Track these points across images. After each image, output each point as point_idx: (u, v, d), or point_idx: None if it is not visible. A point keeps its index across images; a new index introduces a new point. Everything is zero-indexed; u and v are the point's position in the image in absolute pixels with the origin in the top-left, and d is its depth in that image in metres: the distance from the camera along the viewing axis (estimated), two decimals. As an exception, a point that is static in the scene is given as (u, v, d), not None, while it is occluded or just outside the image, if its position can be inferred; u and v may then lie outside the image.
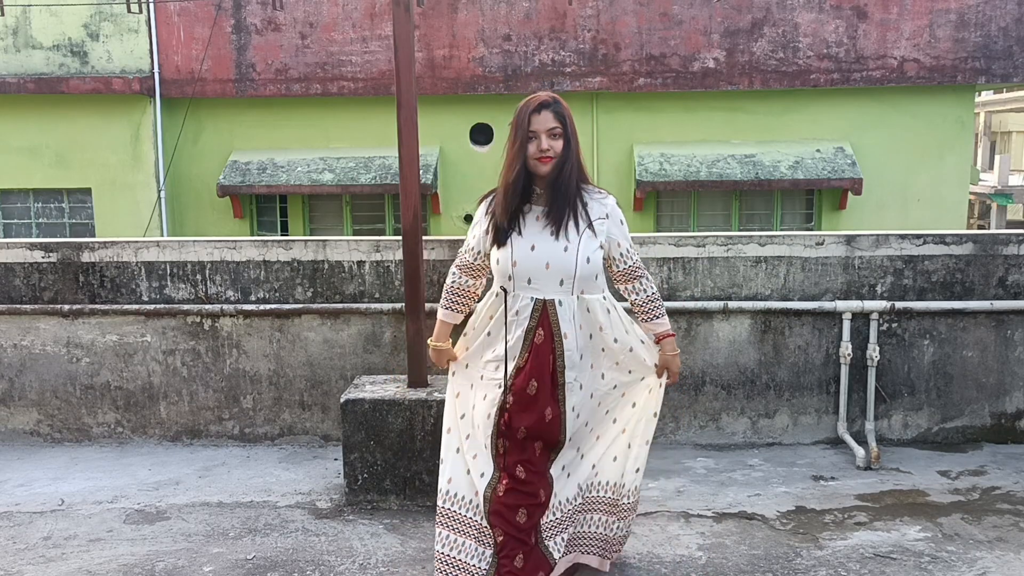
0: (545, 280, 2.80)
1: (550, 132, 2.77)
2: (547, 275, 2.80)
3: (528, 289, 2.82)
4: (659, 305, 2.99)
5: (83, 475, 4.36)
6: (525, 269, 2.80)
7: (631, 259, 2.94)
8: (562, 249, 2.78)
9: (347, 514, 3.84)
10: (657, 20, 10.64)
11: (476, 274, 3.03)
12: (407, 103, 3.94)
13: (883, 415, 4.66)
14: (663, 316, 3.00)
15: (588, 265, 2.80)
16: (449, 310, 3.06)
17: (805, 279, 4.58)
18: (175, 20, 10.89)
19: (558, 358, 2.83)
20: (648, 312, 2.99)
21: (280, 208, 11.41)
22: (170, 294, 4.71)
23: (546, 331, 2.82)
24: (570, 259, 2.78)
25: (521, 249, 2.80)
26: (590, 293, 2.86)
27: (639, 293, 2.98)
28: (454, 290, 3.05)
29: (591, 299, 2.86)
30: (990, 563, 3.31)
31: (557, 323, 2.82)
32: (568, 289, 2.81)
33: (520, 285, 2.82)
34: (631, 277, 2.96)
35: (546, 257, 2.79)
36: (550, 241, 2.79)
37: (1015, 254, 4.57)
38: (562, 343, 2.82)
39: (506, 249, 2.81)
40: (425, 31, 10.64)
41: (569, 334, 2.83)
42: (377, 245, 4.64)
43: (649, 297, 2.98)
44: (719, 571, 3.28)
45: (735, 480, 4.18)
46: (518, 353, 2.83)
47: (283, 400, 4.74)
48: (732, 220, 11.17)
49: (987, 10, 10.48)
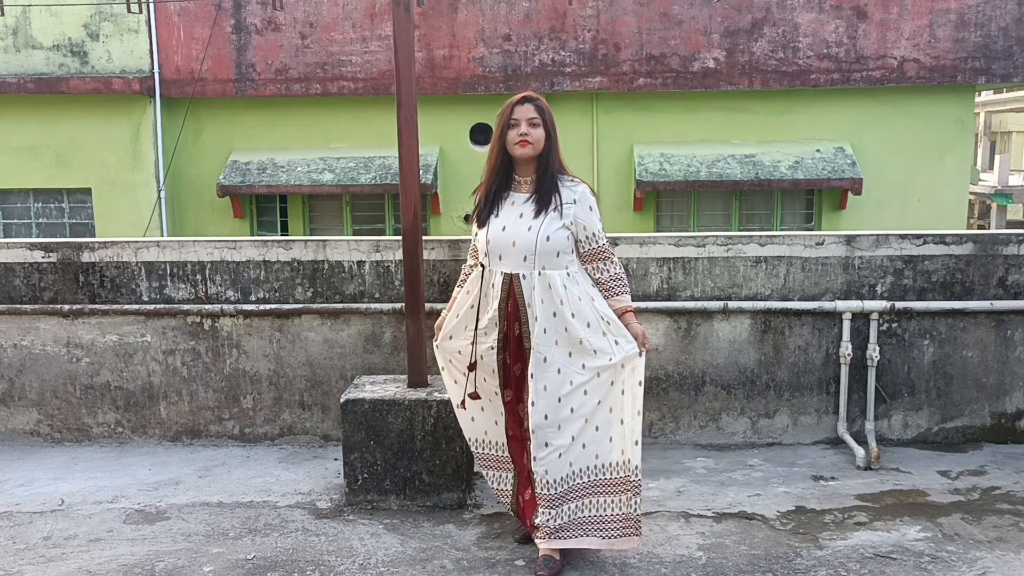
0: (512, 256, 3.18)
1: (530, 121, 3.15)
2: (513, 252, 3.17)
3: (500, 264, 3.21)
4: (622, 284, 3.26)
5: (83, 475, 4.36)
6: (497, 247, 3.19)
7: (596, 242, 3.23)
8: (526, 228, 3.15)
9: (347, 514, 3.84)
10: (657, 20, 10.64)
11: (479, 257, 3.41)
12: (407, 103, 3.94)
13: (883, 415, 4.66)
14: (625, 294, 3.26)
15: (548, 243, 3.12)
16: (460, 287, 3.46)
17: (805, 279, 4.58)
18: (175, 20, 10.89)
19: (523, 325, 3.20)
20: (610, 289, 3.25)
21: (280, 208, 11.41)
22: (170, 294, 4.71)
23: (513, 302, 3.21)
24: (531, 237, 3.14)
25: (495, 229, 3.20)
26: (551, 269, 3.16)
27: (602, 272, 3.25)
28: (465, 271, 3.46)
29: (552, 274, 3.15)
30: (990, 563, 3.31)
31: (522, 295, 3.18)
32: (531, 265, 3.15)
33: (494, 261, 3.22)
34: (595, 258, 3.24)
35: (512, 236, 3.17)
36: (518, 222, 3.17)
37: (1015, 254, 4.57)
38: (526, 311, 3.18)
39: (484, 230, 3.22)
40: (425, 31, 10.64)
41: (532, 304, 3.16)
42: (377, 245, 4.64)
43: (611, 276, 3.25)
44: (719, 571, 3.28)
45: (735, 480, 4.18)
46: (498, 321, 3.24)
47: (283, 400, 4.74)
48: (732, 220, 11.17)
49: (987, 10, 10.48)
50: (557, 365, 3.15)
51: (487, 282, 3.25)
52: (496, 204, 3.23)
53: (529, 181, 3.22)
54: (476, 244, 3.34)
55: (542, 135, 3.17)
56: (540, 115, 3.16)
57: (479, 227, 3.27)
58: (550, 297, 3.15)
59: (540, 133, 3.16)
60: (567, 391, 3.16)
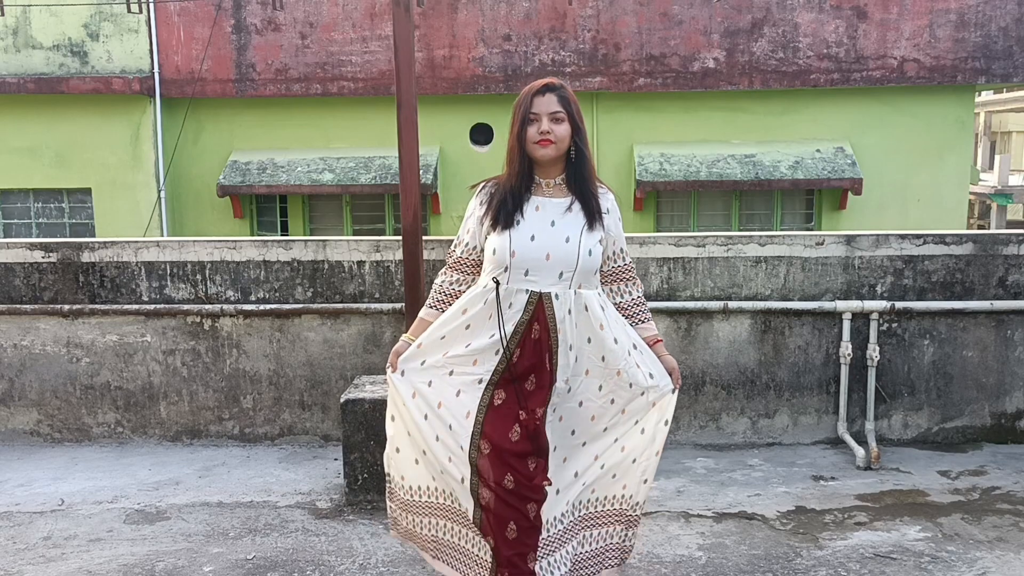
0: (544, 272, 2.65)
1: (552, 115, 2.63)
2: (546, 267, 2.65)
3: (524, 281, 2.66)
4: (646, 309, 2.89)
5: (83, 475, 4.36)
6: (523, 260, 2.64)
7: (624, 259, 2.86)
8: (563, 239, 2.64)
9: (347, 514, 3.83)
10: (657, 20, 10.64)
11: (468, 271, 2.82)
12: (407, 103, 3.94)
13: (883, 415, 4.66)
14: (651, 321, 2.90)
15: (590, 258, 2.66)
16: (434, 308, 2.84)
17: (805, 279, 4.58)
18: (175, 20, 10.88)
19: (554, 355, 2.67)
20: (635, 315, 2.86)
21: (280, 208, 11.40)
22: (170, 294, 4.71)
23: (542, 326, 2.66)
24: (571, 250, 2.64)
25: (520, 239, 2.64)
26: (587, 288, 2.71)
27: (625, 295, 2.86)
28: (443, 289, 2.84)
29: (588, 294, 2.70)
30: (990, 563, 3.31)
31: (553, 317, 2.65)
32: (567, 282, 2.66)
33: (516, 277, 2.66)
34: (621, 277, 2.85)
35: (546, 247, 2.64)
36: (551, 231, 2.65)
37: (1015, 254, 4.57)
38: (558, 339, 2.67)
39: (504, 238, 2.64)
40: (425, 31, 10.64)
41: (564, 330, 2.66)
42: (377, 245, 4.64)
43: (634, 300, 2.87)
44: (719, 571, 3.28)
45: (735, 480, 4.18)
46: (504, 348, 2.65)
47: (283, 400, 4.74)
48: (732, 220, 11.17)
49: (987, 10, 10.48)
50: (580, 397, 2.74)
51: (502, 301, 2.65)
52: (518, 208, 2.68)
53: (553, 184, 2.72)
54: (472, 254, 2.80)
55: (567, 132, 2.66)
56: (565, 107, 2.65)
57: (497, 236, 2.67)
58: (586, 320, 2.69)
59: (565, 129, 2.65)
60: (584, 426, 2.77)
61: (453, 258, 2.84)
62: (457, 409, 2.70)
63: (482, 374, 2.68)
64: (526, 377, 2.67)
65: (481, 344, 2.68)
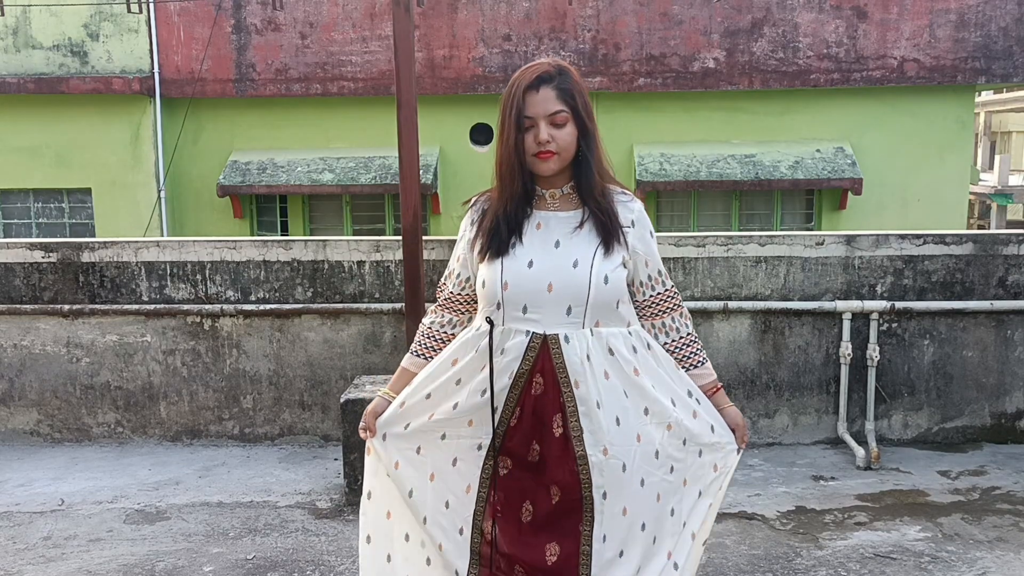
0: (547, 308, 2.03)
1: (552, 118, 1.99)
2: (549, 300, 2.02)
3: (523, 320, 2.04)
4: (699, 349, 2.22)
5: (83, 475, 4.36)
6: (519, 293, 2.03)
7: (662, 285, 2.15)
8: (570, 264, 2.02)
9: (347, 514, 3.83)
10: (657, 20, 10.64)
11: (462, 309, 2.23)
12: (407, 103, 3.94)
13: (883, 415, 4.66)
14: (707, 363, 2.23)
15: (606, 287, 2.02)
16: (418, 356, 2.25)
17: (805, 279, 4.57)
18: (175, 20, 10.89)
19: (570, 416, 2.04)
20: (687, 357, 2.19)
21: (280, 208, 11.41)
22: (170, 294, 4.71)
23: (547, 378, 2.04)
24: (581, 278, 2.01)
25: (515, 267, 2.03)
26: (609, 326, 2.06)
27: (671, 333, 2.18)
28: (431, 332, 2.25)
29: (611, 334, 2.06)
30: (990, 563, 3.31)
31: (564, 367, 2.03)
32: (578, 320, 2.03)
33: (512, 315, 2.05)
34: (661, 309, 2.16)
35: (548, 276, 2.02)
36: (553, 254, 2.03)
37: (1015, 254, 4.57)
38: (573, 395, 2.04)
39: (495, 267, 2.04)
40: (425, 31, 10.64)
41: (582, 382, 2.03)
42: (377, 245, 4.64)
43: (683, 339, 2.19)
44: (719, 571, 3.28)
45: (735, 480, 4.17)
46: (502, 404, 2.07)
47: (283, 400, 4.74)
48: (732, 220, 11.17)
49: (987, 10, 10.48)
50: (640, 475, 2.07)
51: (495, 346, 2.06)
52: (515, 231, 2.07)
53: (560, 195, 2.09)
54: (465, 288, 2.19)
55: (572, 135, 2.02)
56: (567, 103, 2.00)
57: (487, 264, 2.07)
58: (617, 367, 2.05)
59: (569, 134, 2.01)
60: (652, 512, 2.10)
61: (444, 295, 2.25)
62: (455, 482, 2.15)
63: (481, 437, 2.11)
64: (527, 448, 2.07)
65: (472, 403, 2.10)
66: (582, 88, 2.04)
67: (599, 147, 2.07)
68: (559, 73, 2.01)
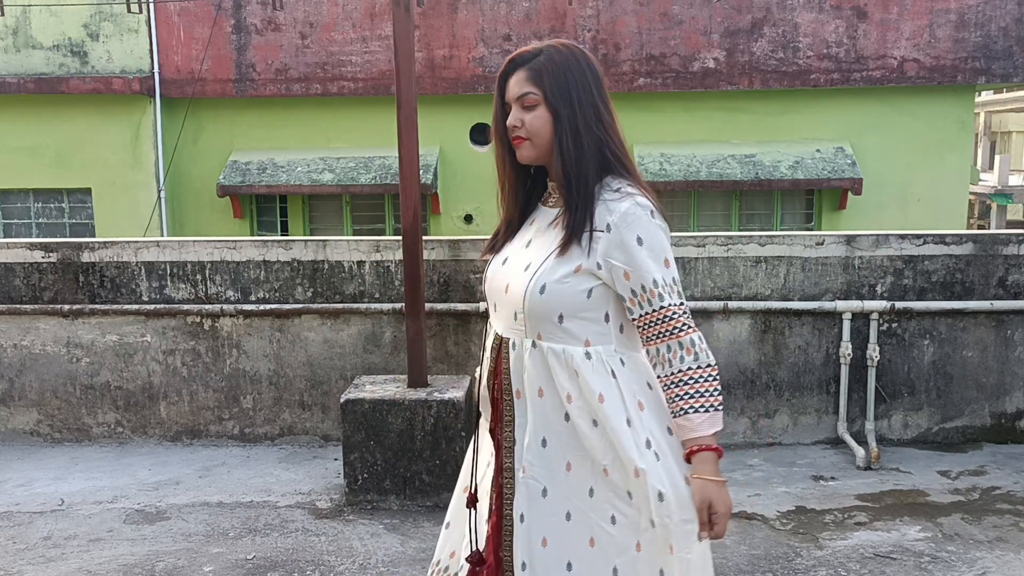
0: (503, 309, 1.90)
1: (523, 100, 1.82)
2: (505, 302, 1.88)
3: (495, 318, 1.96)
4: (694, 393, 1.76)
5: (83, 475, 4.36)
6: (489, 290, 1.95)
7: (649, 304, 1.77)
8: (523, 267, 1.86)
9: (347, 514, 3.84)
10: (657, 20, 10.64)
11: None
12: (407, 103, 3.94)
13: (883, 415, 4.66)
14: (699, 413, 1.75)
15: (540, 297, 1.79)
16: None
17: (805, 279, 4.58)
18: (175, 20, 10.89)
19: (505, 426, 1.91)
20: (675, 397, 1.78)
21: (280, 208, 11.41)
22: (170, 294, 4.71)
23: (499, 381, 1.93)
24: (522, 282, 1.83)
25: (494, 264, 1.96)
26: (552, 341, 1.82)
27: (662, 366, 1.79)
28: None
29: (553, 350, 1.82)
30: (990, 563, 3.31)
31: (508, 373, 1.89)
32: (521, 328, 1.85)
33: (491, 312, 1.98)
34: (649, 336, 1.79)
35: (508, 277, 1.89)
36: (522, 254, 1.89)
37: (1015, 254, 4.57)
38: (512, 404, 1.88)
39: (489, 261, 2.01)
40: (425, 31, 10.64)
41: (523, 392, 1.86)
42: (377, 245, 4.64)
43: (672, 376, 1.78)
44: (719, 571, 3.28)
45: (735, 480, 4.18)
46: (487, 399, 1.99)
47: (283, 400, 4.74)
48: (732, 220, 11.17)
49: (987, 10, 10.48)
50: (566, 506, 1.83)
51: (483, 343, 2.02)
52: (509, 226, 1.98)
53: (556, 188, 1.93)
54: None
55: (543, 119, 1.81)
56: (537, 84, 1.80)
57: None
58: (552, 386, 1.82)
59: (538, 117, 1.82)
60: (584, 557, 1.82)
61: None
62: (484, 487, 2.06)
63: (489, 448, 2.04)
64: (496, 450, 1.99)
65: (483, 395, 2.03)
66: (563, 69, 1.81)
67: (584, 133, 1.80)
68: (537, 54, 1.83)
